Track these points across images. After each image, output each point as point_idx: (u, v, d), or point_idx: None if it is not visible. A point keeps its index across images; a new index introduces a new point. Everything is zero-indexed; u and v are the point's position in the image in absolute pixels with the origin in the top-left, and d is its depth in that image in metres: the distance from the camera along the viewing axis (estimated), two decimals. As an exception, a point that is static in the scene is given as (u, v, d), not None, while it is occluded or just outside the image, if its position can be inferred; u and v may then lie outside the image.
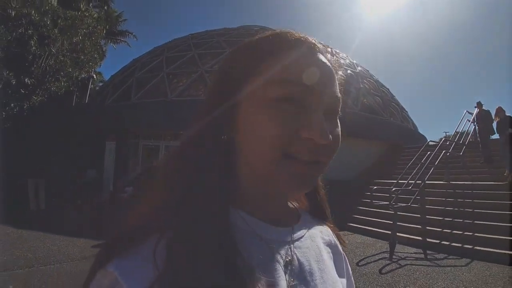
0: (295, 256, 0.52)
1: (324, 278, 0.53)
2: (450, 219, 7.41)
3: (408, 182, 8.03)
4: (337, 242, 0.65)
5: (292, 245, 0.53)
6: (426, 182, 8.03)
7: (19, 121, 12.98)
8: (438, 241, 6.75)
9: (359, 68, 18.47)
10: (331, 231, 0.65)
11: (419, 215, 7.61)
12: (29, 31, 13.17)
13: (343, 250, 0.65)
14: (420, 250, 6.51)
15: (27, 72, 13.31)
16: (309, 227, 0.60)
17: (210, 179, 0.47)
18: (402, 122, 17.69)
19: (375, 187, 8.06)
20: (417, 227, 7.42)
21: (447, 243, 6.63)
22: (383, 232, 7.59)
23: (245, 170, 0.52)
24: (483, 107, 10.58)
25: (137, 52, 73.07)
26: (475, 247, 6.24)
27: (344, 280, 0.60)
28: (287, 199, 0.60)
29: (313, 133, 0.45)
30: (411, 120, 19.78)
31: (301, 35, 0.51)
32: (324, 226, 0.65)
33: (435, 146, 10.02)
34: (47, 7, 13.84)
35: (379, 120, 15.26)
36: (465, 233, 6.78)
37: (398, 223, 6.99)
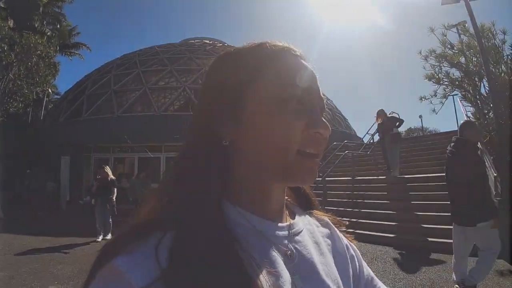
0: (295, 251, 0.53)
1: (326, 271, 0.55)
2: (343, 209, 8.70)
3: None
4: (336, 230, 0.66)
5: (291, 240, 0.54)
6: (336, 178, 9.79)
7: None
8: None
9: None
10: (329, 222, 0.67)
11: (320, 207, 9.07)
12: (-14, 56, 14.03)
13: (345, 236, 0.66)
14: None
15: (-14, 95, 14.18)
16: (305, 222, 0.61)
17: (210, 182, 0.48)
18: (346, 130, 19.73)
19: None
20: (316, 218, 8.77)
21: (337, 230, 8.06)
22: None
23: (246, 170, 0.53)
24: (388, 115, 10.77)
25: (93, 61, 72.36)
26: (361, 231, 7.21)
27: (348, 268, 0.61)
28: (285, 196, 0.59)
29: (321, 127, 0.50)
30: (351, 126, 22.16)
31: (287, 44, 0.55)
32: (322, 217, 0.67)
33: (348, 147, 11.71)
34: (4, 33, 14.71)
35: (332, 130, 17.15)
36: (352, 219, 7.94)
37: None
